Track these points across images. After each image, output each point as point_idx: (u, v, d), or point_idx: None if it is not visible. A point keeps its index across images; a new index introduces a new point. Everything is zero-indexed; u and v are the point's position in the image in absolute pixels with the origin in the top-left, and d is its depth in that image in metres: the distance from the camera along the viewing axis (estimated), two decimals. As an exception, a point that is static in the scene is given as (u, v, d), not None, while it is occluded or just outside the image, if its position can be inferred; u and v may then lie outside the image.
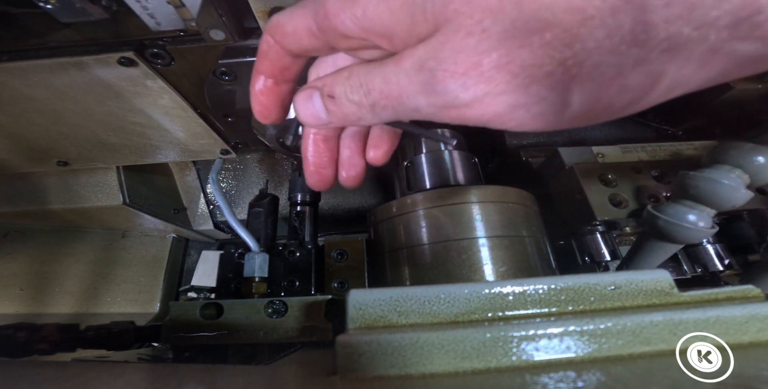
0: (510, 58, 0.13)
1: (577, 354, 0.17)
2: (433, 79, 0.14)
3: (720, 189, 0.30)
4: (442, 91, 0.14)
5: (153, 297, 0.52)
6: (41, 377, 0.20)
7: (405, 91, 0.16)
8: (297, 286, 0.37)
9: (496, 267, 0.31)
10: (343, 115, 0.18)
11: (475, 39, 0.13)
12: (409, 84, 0.15)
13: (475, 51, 0.13)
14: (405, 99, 0.16)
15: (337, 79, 0.18)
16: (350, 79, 0.17)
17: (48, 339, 0.27)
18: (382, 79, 0.16)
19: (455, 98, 0.14)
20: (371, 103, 0.17)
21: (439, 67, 0.14)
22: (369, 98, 0.17)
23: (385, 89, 0.16)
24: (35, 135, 0.37)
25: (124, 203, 0.45)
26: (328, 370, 0.18)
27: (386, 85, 0.16)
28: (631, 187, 0.39)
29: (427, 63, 0.14)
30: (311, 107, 0.19)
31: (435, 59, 0.14)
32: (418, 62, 0.14)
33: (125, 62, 0.28)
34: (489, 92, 0.14)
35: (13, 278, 0.53)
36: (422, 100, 0.15)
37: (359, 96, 0.17)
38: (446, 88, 0.14)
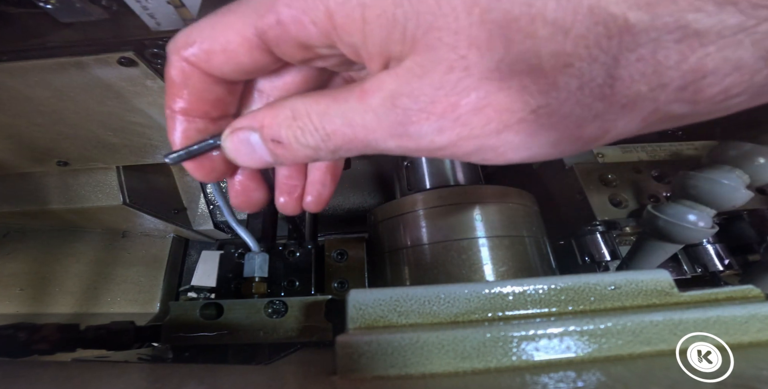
0: (488, 100, 0.12)
1: (577, 354, 0.17)
2: (406, 120, 0.13)
3: (720, 189, 0.30)
4: (415, 135, 0.13)
5: (153, 297, 0.52)
6: (41, 377, 0.20)
7: (373, 135, 0.13)
8: (297, 286, 0.37)
9: (496, 267, 0.31)
10: (296, 158, 0.15)
11: (456, 76, 0.12)
12: (378, 126, 0.13)
13: (454, 90, 0.12)
14: (373, 142, 0.14)
15: (279, 120, 0.14)
16: (298, 120, 0.14)
17: (48, 339, 0.27)
18: (343, 120, 0.13)
19: (430, 142, 0.13)
20: (332, 148, 0.14)
21: (414, 106, 0.12)
22: (329, 144, 0.14)
23: (348, 132, 0.14)
24: (35, 135, 0.37)
25: (124, 203, 0.45)
26: (328, 370, 0.18)
27: (350, 127, 0.13)
28: (631, 187, 0.39)
29: (400, 100, 0.12)
30: (250, 151, 0.16)
31: (410, 96, 0.12)
32: (389, 98, 0.13)
33: (125, 62, 0.28)
34: (463, 136, 0.13)
35: (13, 278, 0.53)
36: (392, 143, 0.14)
37: (316, 140, 0.14)
38: (420, 131, 0.13)
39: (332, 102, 0.14)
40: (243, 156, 0.16)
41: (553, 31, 0.10)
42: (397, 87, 0.12)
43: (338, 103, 0.14)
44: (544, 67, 0.11)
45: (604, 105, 0.11)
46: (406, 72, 0.12)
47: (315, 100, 0.14)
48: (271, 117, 0.15)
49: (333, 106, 0.14)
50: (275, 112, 0.15)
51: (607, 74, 0.11)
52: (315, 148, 0.14)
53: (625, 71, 0.11)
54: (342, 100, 0.14)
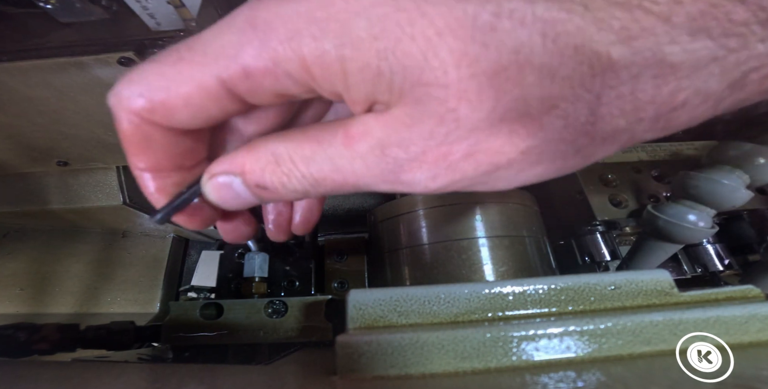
0: (478, 147, 0.12)
1: (577, 354, 0.17)
2: (398, 169, 0.13)
3: (720, 189, 0.30)
4: (408, 182, 0.13)
5: (153, 297, 0.52)
6: (41, 377, 0.20)
7: (363, 180, 0.13)
8: (297, 286, 0.37)
9: (496, 267, 0.31)
10: (283, 199, 0.15)
11: (447, 128, 0.11)
12: (368, 172, 0.13)
13: (446, 140, 0.12)
14: (364, 186, 0.13)
15: (262, 165, 0.14)
16: (282, 165, 0.14)
17: (48, 339, 0.27)
18: (331, 166, 0.13)
19: (424, 188, 0.13)
20: (322, 192, 0.14)
21: (404, 155, 0.12)
22: (319, 188, 0.14)
23: (338, 178, 0.13)
24: (35, 135, 0.37)
25: (124, 203, 0.45)
26: (328, 370, 0.18)
27: (339, 173, 0.13)
28: (631, 187, 0.39)
29: (390, 150, 0.12)
30: (234, 196, 0.15)
31: (400, 146, 0.12)
32: (378, 147, 0.12)
33: (125, 62, 0.28)
34: (456, 180, 0.13)
35: (13, 278, 0.53)
36: (384, 186, 0.13)
37: (304, 186, 0.14)
38: (413, 179, 0.13)
39: (317, 146, 0.13)
40: (227, 201, 0.15)
41: (541, 77, 0.10)
42: (385, 136, 0.12)
43: (323, 147, 0.13)
44: (531, 112, 0.11)
45: (586, 140, 0.12)
46: (394, 120, 0.12)
47: (297, 143, 0.13)
48: (252, 162, 0.14)
49: (318, 151, 0.13)
50: (256, 157, 0.14)
51: (590, 112, 0.11)
52: (303, 192, 0.14)
53: (606, 109, 0.11)
54: (327, 144, 0.13)
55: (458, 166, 0.12)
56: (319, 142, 0.13)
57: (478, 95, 0.11)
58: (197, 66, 0.12)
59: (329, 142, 0.13)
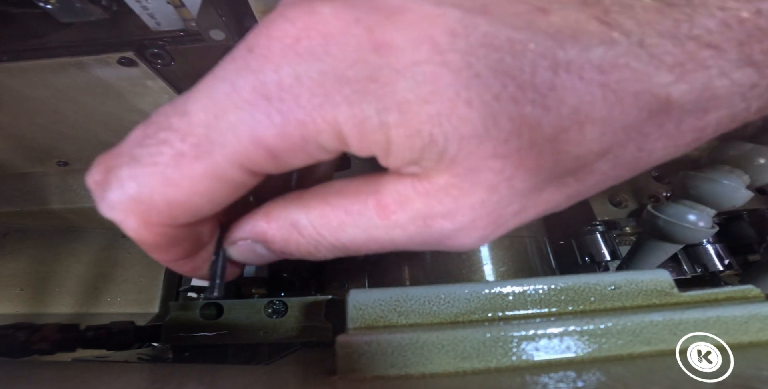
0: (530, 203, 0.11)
1: (577, 354, 0.17)
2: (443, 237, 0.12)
3: (720, 189, 0.30)
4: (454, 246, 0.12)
5: (153, 297, 0.52)
6: (41, 377, 0.20)
7: (402, 245, 0.12)
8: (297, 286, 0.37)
9: (496, 267, 0.31)
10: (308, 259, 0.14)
11: (500, 195, 0.10)
12: (409, 240, 0.12)
13: (498, 206, 0.11)
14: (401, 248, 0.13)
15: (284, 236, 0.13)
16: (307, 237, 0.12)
17: (48, 339, 0.27)
18: (365, 236, 0.12)
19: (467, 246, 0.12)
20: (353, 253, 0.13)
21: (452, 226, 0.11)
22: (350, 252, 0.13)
23: (374, 246, 0.12)
24: (35, 135, 0.37)
25: (124, 203, 0.45)
26: (328, 370, 0.18)
27: (374, 242, 0.12)
28: (631, 187, 0.39)
29: (435, 221, 0.11)
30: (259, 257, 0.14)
31: (446, 217, 0.11)
32: (421, 218, 0.11)
33: (125, 62, 0.28)
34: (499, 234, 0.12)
35: (13, 278, 0.53)
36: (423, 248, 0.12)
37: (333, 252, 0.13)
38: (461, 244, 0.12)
39: (345, 217, 0.12)
40: (253, 260, 0.15)
41: (602, 132, 0.09)
42: (427, 208, 0.11)
43: (353, 218, 0.12)
44: (586, 164, 0.10)
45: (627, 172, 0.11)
46: (438, 191, 0.10)
47: (320, 213, 0.12)
48: (273, 231, 0.13)
49: (348, 222, 0.12)
50: (276, 226, 0.13)
51: (638, 149, 0.10)
52: (332, 256, 0.13)
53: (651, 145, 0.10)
54: (357, 215, 0.12)
55: (509, 223, 0.12)
56: (347, 212, 0.12)
57: (537, 161, 0.10)
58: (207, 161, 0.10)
59: (359, 212, 0.12)
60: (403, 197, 0.11)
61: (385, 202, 0.11)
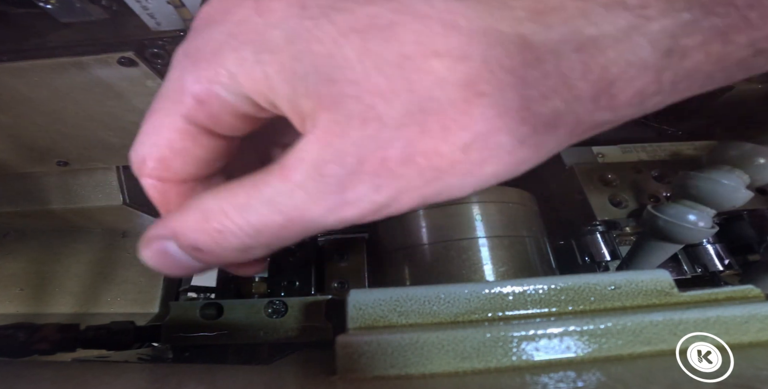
0: (413, 149, 0.11)
1: (577, 354, 0.17)
2: (339, 188, 0.11)
3: (720, 189, 0.30)
4: (353, 200, 0.12)
5: (153, 297, 0.52)
6: (41, 377, 0.20)
7: (309, 214, 0.12)
8: (297, 286, 0.37)
9: (496, 267, 0.31)
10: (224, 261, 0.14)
11: (373, 128, 0.11)
12: (312, 202, 0.12)
13: (377, 143, 0.11)
14: (310, 223, 0.12)
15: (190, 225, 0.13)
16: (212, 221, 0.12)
17: (48, 339, 0.27)
18: (270, 208, 0.12)
19: (371, 203, 0.12)
20: (265, 242, 0.13)
21: (342, 170, 0.11)
22: (260, 239, 0.12)
23: (279, 220, 0.12)
24: (35, 135, 0.37)
25: (124, 203, 0.45)
26: (328, 370, 0.18)
27: (279, 214, 0.12)
28: (631, 187, 0.39)
29: (327, 168, 0.11)
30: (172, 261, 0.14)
31: (335, 160, 0.11)
32: (314, 168, 0.11)
33: (125, 62, 0.28)
34: (402, 190, 0.12)
35: (13, 278, 0.53)
36: (331, 218, 0.12)
37: (240, 239, 0.12)
38: (358, 194, 0.12)
39: (253, 190, 0.12)
40: (167, 267, 0.14)
41: (452, 62, 0.10)
42: (319, 153, 0.11)
43: (260, 189, 0.12)
44: (455, 102, 0.10)
45: (527, 128, 0.11)
46: (324, 133, 0.11)
47: (230, 193, 0.12)
48: (182, 222, 0.13)
49: (254, 195, 0.12)
50: (186, 217, 0.13)
51: (520, 96, 0.10)
52: (243, 248, 0.13)
53: (535, 91, 0.10)
54: (263, 185, 0.12)
55: (399, 172, 0.11)
56: (255, 185, 0.12)
57: (390, 87, 0.10)
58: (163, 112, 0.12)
59: (266, 182, 0.12)
60: (302, 152, 0.11)
61: (287, 164, 0.12)
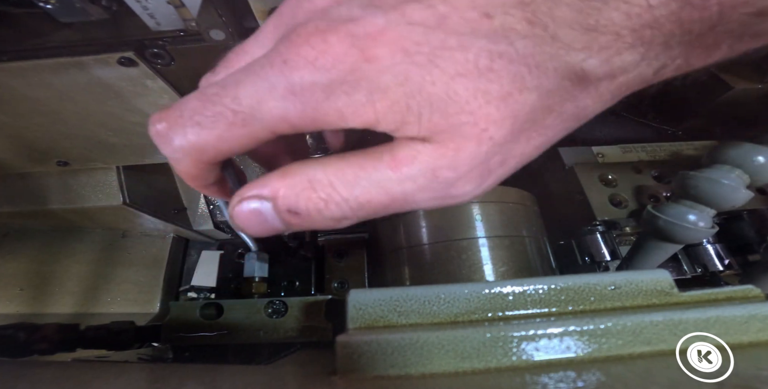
0: (509, 154, 0.14)
1: (577, 354, 0.17)
2: (449, 186, 0.14)
3: (720, 189, 0.30)
4: (457, 195, 0.15)
5: (153, 297, 0.52)
6: (41, 377, 0.20)
7: (413, 198, 0.14)
8: (297, 286, 0.37)
9: (496, 267, 0.31)
10: (314, 227, 0.15)
11: (486, 146, 0.13)
12: (420, 192, 0.14)
13: (487, 156, 0.14)
14: (412, 204, 0.15)
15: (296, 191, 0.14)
16: (320, 190, 0.14)
17: (48, 339, 0.27)
18: (378, 189, 0.14)
19: (471, 196, 0.15)
20: (363, 215, 0.15)
21: (455, 175, 0.14)
22: (360, 212, 0.14)
23: (384, 199, 0.14)
24: (35, 135, 0.37)
25: (124, 203, 0.45)
26: (328, 370, 0.18)
27: (387, 195, 0.14)
28: (631, 187, 0.39)
29: (442, 172, 0.14)
30: (261, 221, 0.15)
31: (450, 168, 0.14)
32: (430, 170, 0.14)
33: (125, 62, 0.28)
34: (494, 183, 0.16)
35: (13, 278, 0.52)
36: (431, 203, 0.15)
37: (343, 211, 0.14)
38: (462, 191, 0.15)
39: (360, 171, 0.14)
40: (253, 226, 0.15)
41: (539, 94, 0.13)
42: (434, 160, 0.14)
43: (368, 171, 0.14)
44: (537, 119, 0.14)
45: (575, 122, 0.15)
46: (442, 148, 0.13)
47: (337, 169, 0.14)
48: (287, 187, 0.14)
49: (362, 176, 0.14)
50: (291, 182, 0.14)
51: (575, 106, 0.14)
52: (342, 217, 0.15)
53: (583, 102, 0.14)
54: (371, 169, 0.14)
55: (496, 173, 0.15)
56: (362, 166, 0.14)
57: (498, 115, 0.13)
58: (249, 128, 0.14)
59: (374, 166, 0.14)
60: (414, 152, 0.14)
61: (398, 157, 0.14)
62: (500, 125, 0.13)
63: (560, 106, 0.14)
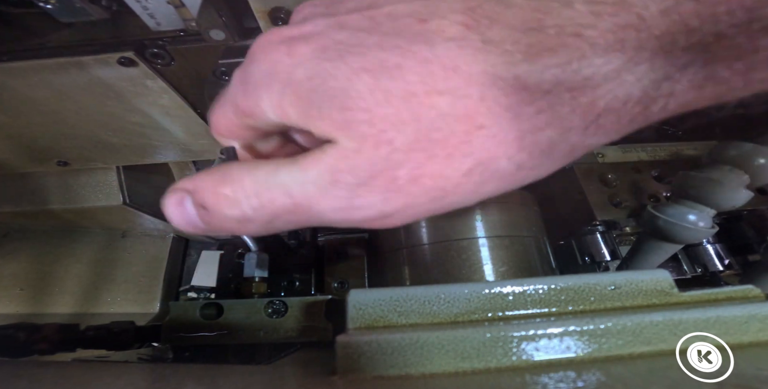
0: (421, 171, 0.13)
1: (577, 354, 0.17)
2: (351, 194, 0.13)
3: (720, 189, 0.30)
4: (362, 206, 0.13)
5: (153, 297, 0.52)
6: (41, 377, 0.20)
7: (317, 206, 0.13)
8: (297, 286, 0.37)
9: (496, 267, 0.31)
10: (222, 228, 0.15)
11: (385, 150, 0.12)
12: (321, 198, 0.13)
13: (388, 163, 0.12)
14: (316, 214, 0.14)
15: (209, 184, 0.14)
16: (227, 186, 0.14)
17: (48, 339, 0.27)
18: (281, 189, 0.13)
19: (379, 211, 0.13)
20: (266, 218, 0.14)
21: (355, 180, 0.13)
22: (264, 212, 0.14)
23: (287, 202, 0.13)
24: (35, 135, 0.37)
25: (124, 203, 0.45)
26: (328, 370, 0.18)
27: (288, 196, 0.13)
28: (631, 187, 0.39)
29: (340, 175, 0.13)
30: (183, 214, 0.15)
31: (349, 171, 0.13)
32: (329, 172, 0.13)
33: (125, 62, 0.28)
34: (408, 204, 0.13)
35: (13, 278, 0.53)
36: (336, 216, 0.14)
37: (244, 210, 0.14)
38: (366, 202, 0.13)
39: (273, 169, 0.14)
40: (177, 218, 0.15)
41: (452, 100, 0.12)
42: (335, 162, 0.13)
43: (279, 171, 0.14)
44: (457, 132, 0.12)
45: (524, 155, 0.12)
46: (344, 149, 0.13)
47: (255, 167, 0.14)
48: (205, 181, 0.15)
49: (272, 174, 0.14)
50: (207, 176, 0.15)
51: (517, 129, 0.12)
52: (245, 217, 0.14)
53: (529, 123, 0.12)
54: (284, 168, 0.14)
55: (407, 190, 0.13)
56: (276, 168, 0.14)
57: (398, 117, 0.12)
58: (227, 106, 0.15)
59: (287, 168, 0.14)
60: (321, 153, 0.13)
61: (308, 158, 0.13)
62: (400, 129, 0.12)
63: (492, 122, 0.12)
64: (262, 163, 0.14)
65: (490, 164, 0.12)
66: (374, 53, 0.12)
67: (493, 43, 0.11)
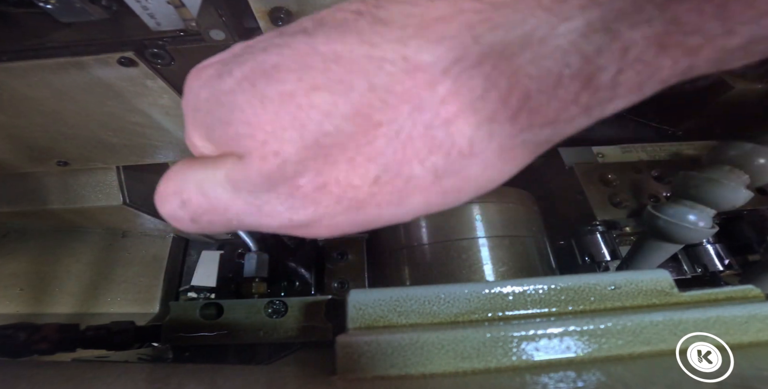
0: (323, 178, 0.11)
1: (577, 354, 0.17)
2: (256, 200, 0.12)
3: (720, 189, 0.30)
4: (269, 213, 0.12)
5: (153, 297, 0.52)
6: (41, 377, 0.20)
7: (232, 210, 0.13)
8: (297, 286, 0.37)
9: (496, 267, 0.31)
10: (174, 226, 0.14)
11: (273, 163, 0.11)
12: (232, 202, 0.12)
13: (283, 174, 0.11)
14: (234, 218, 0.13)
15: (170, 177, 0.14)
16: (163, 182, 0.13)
17: (48, 339, 0.27)
18: (198, 189, 0.13)
19: (289, 220, 0.12)
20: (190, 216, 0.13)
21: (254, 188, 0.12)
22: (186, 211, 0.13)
23: (204, 203, 0.13)
24: (35, 135, 0.37)
25: (124, 203, 0.45)
26: (328, 370, 0.18)
27: (204, 197, 0.12)
28: (631, 187, 0.39)
29: (239, 184, 0.12)
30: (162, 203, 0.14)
31: (246, 182, 0.12)
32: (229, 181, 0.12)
33: (125, 62, 0.28)
34: (321, 213, 0.12)
35: (13, 278, 0.53)
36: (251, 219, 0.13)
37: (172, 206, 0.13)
38: (274, 210, 0.12)
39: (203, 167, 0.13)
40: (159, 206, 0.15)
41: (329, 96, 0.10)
42: (230, 172, 0.12)
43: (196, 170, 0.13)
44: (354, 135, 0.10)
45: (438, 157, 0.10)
46: (238, 160, 0.12)
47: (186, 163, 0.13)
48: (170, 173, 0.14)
49: (190, 173, 0.13)
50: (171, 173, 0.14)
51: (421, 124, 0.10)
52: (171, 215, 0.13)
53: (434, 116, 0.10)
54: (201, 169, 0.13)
55: (314, 198, 0.11)
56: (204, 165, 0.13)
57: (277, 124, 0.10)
58: None
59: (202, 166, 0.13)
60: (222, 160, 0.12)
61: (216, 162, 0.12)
62: (282, 137, 0.10)
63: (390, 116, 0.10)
64: (189, 161, 0.13)
65: (401, 170, 0.11)
66: (256, 57, 0.11)
67: (381, 23, 0.10)
